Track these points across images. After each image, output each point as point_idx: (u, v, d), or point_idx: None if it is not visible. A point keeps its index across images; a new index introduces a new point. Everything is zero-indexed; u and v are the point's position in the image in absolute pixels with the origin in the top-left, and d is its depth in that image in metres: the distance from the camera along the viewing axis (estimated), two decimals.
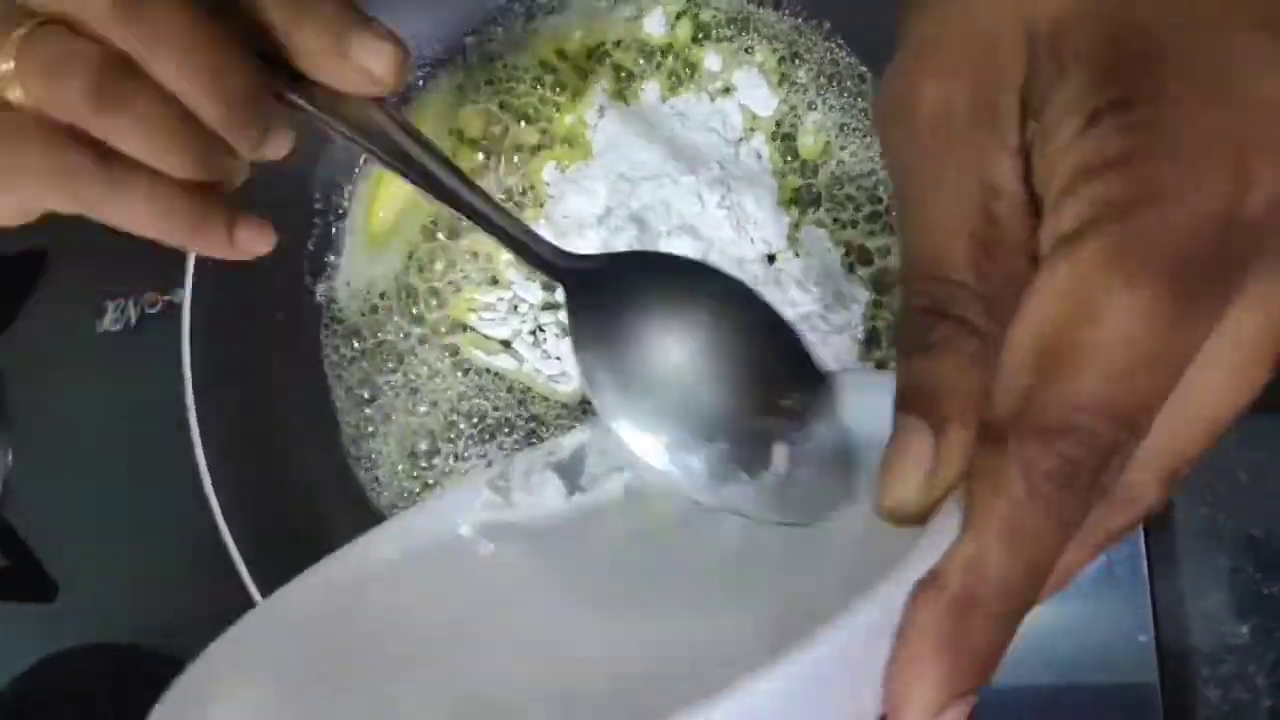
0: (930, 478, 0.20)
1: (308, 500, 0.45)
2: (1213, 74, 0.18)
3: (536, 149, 0.46)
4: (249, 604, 0.41)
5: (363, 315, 0.47)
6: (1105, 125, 0.19)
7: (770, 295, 0.42)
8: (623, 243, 0.43)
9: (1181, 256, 0.18)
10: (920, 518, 0.20)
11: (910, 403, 0.21)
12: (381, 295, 0.47)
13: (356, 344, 0.47)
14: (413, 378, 0.46)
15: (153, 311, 0.51)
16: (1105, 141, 0.19)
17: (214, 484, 0.42)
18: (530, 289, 0.45)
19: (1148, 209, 0.18)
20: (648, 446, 0.26)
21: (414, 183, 0.29)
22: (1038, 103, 0.20)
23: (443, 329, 0.46)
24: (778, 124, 0.44)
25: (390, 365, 0.47)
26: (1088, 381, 0.18)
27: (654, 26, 0.46)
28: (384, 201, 0.48)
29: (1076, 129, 0.19)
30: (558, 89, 0.47)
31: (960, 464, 0.20)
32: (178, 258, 0.43)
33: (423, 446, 0.46)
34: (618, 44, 0.46)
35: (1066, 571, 0.21)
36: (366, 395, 0.47)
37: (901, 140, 0.22)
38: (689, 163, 0.44)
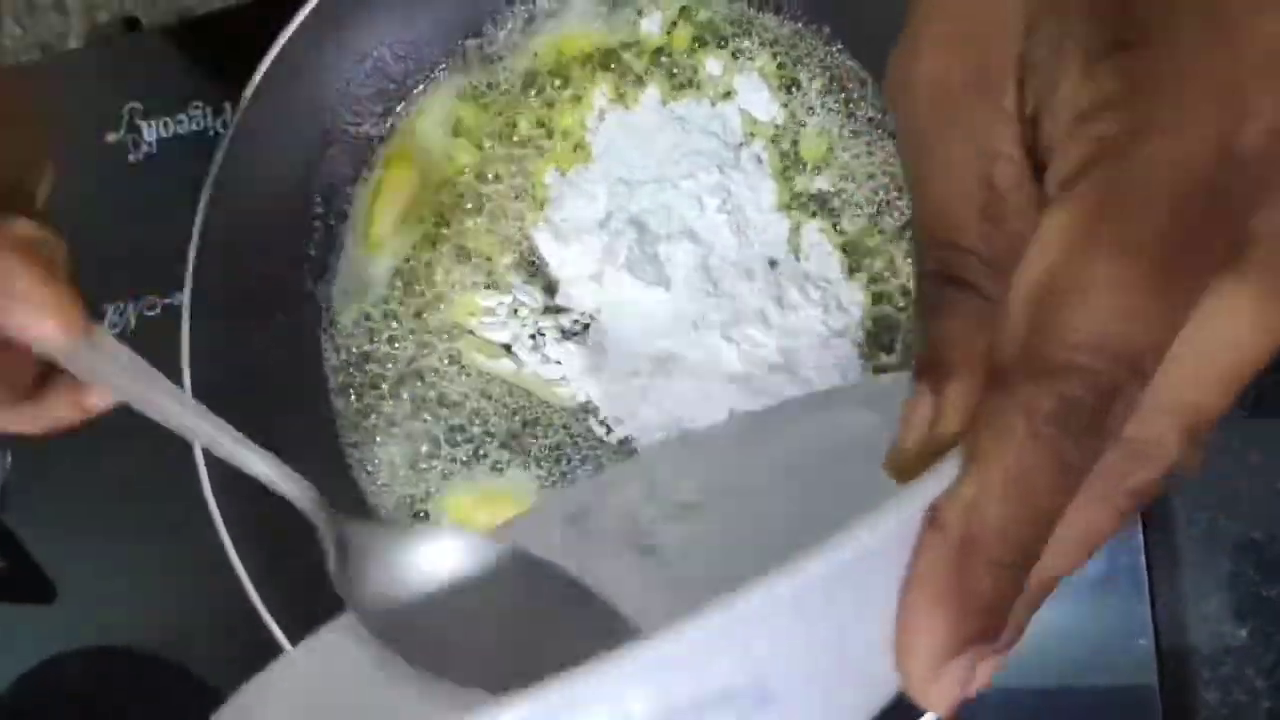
0: (932, 430, 0.20)
1: None
2: (1210, 12, 0.18)
3: (536, 152, 0.46)
4: (247, 607, 0.41)
5: (363, 318, 0.47)
6: (1104, 68, 0.18)
7: (770, 300, 0.42)
8: (623, 246, 0.43)
9: (1179, 190, 0.17)
10: (921, 468, 0.20)
11: (920, 369, 0.21)
12: (382, 299, 0.47)
13: (356, 347, 0.47)
14: (413, 381, 0.46)
15: (152, 315, 0.51)
16: (1103, 83, 0.18)
17: (213, 487, 0.42)
18: (530, 293, 0.45)
19: (1143, 143, 0.18)
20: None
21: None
22: (1040, 61, 0.20)
23: (443, 333, 0.46)
24: (778, 128, 0.44)
25: (390, 369, 0.47)
26: (1085, 320, 0.18)
27: (654, 30, 0.46)
28: (384, 205, 0.48)
29: (1077, 77, 0.19)
30: (558, 93, 0.47)
31: (961, 414, 0.20)
32: (177, 261, 0.43)
33: (423, 450, 0.46)
34: (618, 48, 0.46)
35: (1096, 535, 0.20)
36: (366, 399, 0.47)
37: (905, 114, 0.22)
38: (689, 167, 0.44)
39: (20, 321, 0.26)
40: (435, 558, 0.28)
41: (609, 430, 0.44)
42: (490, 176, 0.47)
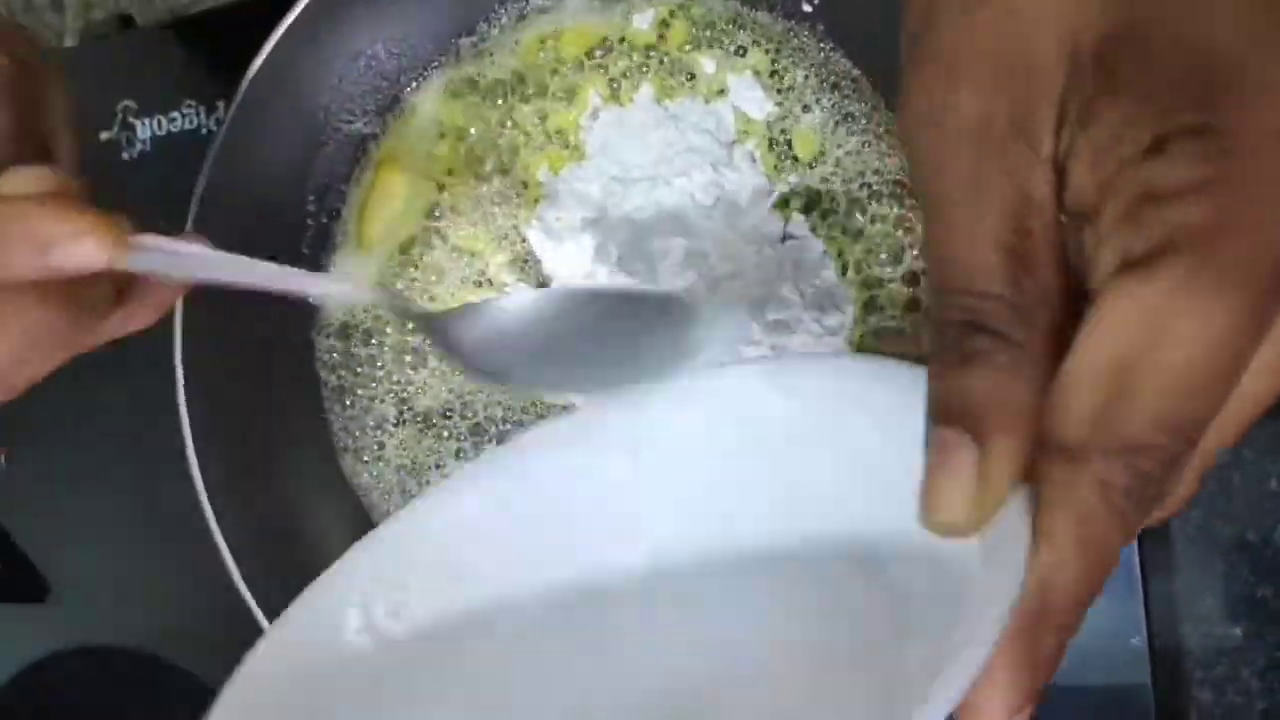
0: (981, 492, 0.20)
1: (301, 502, 0.45)
2: None
3: (529, 150, 0.46)
4: (241, 607, 0.41)
5: (356, 318, 0.47)
6: (1177, 150, 0.19)
7: (762, 298, 0.42)
8: (615, 245, 0.43)
9: (1259, 284, 0.18)
10: (971, 531, 0.20)
11: (947, 416, 0.21)
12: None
13: (350, 346, 0.47)
14: (407, 379, 0.46)
15: None
16: (1178, 168, 0.19)
17: (206, 486, 0.42)
18: (523, 290, 0.45)
19: (1230, 238, 0.18)
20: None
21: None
22: (1076, 115, 0.20)
23: None
24: (771, 127, 0.44)
25: (384, 367, 0.47)
26: (1164, 401, 0.19)
27: (645, 27, 0.46)
28: (377, 203, 0.48)
29: (1137, 152, 0.19)
30: (550, 90, 0.46)
31: (1010, 476, 0.20)
32: None
33: (417, 449, 0.46)
34: (611, 46, 0.46)
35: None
36: (360, 397, 0.47)
37: (933, 152, 0.22)
38: (682, 165, 0.44)
39: (63, 256, 0.29)
40: (510, 312, 0.33)
41: None
42: (483, 174, 0.47)
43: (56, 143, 0.34)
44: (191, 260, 0.32)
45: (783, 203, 0.44)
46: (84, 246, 0.29)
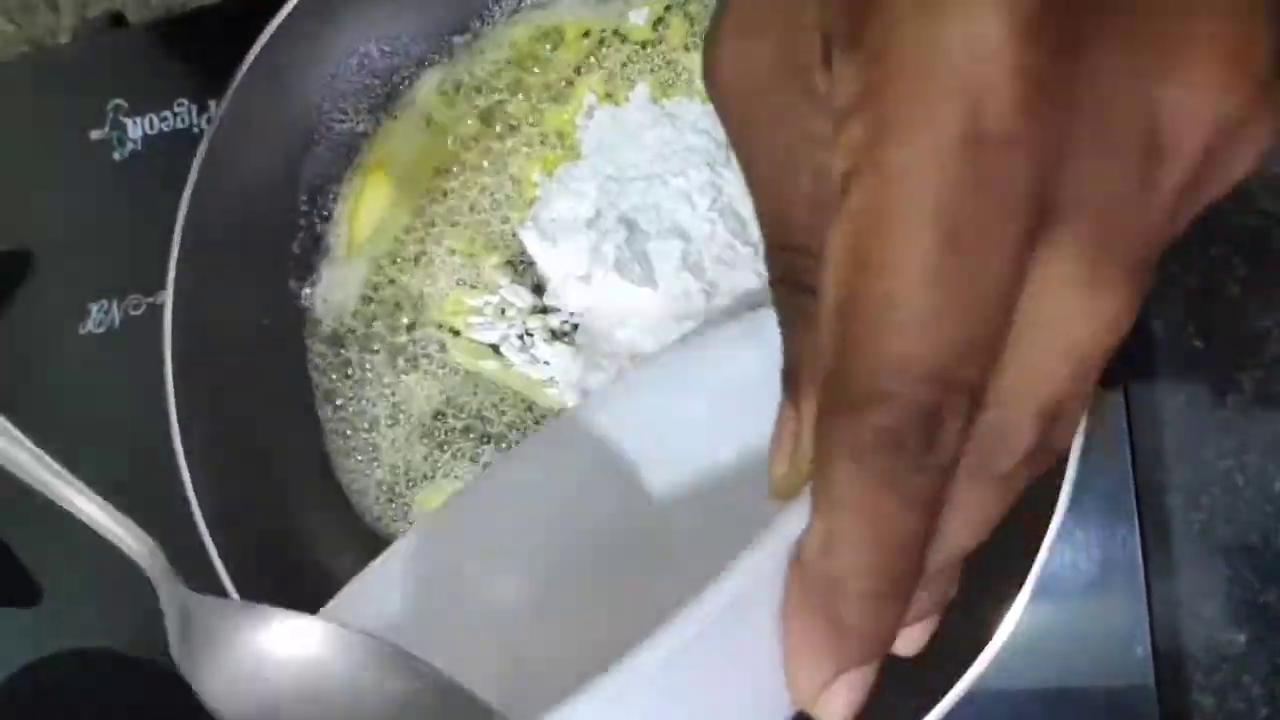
0: (794, 454, 0.20)
1: (291, 506, 0.45)
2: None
3: (524, 150, 0.46)
4: None
5: (348, 319, 0.47)
6: (843, 62, 0.17)
7: (760, 299, 0.42)
8: (611, 245, 0.43)
9: (939, 195, 0.16)
10: (789, 497, 0.20)
11: (784, 381, 0.20)
12: (367, 299, 0.47)
13: (342, 349, 0.47)
14: (400, 383, 0.46)
15: (137, 314, 0.51)
16: (845, 82, 0.17)
17: (195, 488, 0.41)
18: (518, 293, 0.45)
19: (892, 149, 0.16)
20: None
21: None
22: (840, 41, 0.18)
23: (429, 333, 0.46)
24: None
25: (376, 370, 0.46)
26: (885, 341, 0.16)
27: (643, 24, 0.46)
28: (368, 204, 0.47)
29: (832, 72, 0.17)
30: (546, 89, 0.46)
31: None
32: (162, 259, 0.43)
33: (408, 450, 0.46)
34: (607, 44, 0.46)
35: (983, 516, 0.19)
36: (352, 401, 0.46)
37: (722, 108, 0.21)
38: (679, 165, 0.43)
39: None
40: (290, 643, 0.25)
41: None
42: (476, 174, 0.46)
43: None
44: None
45: None
46: None
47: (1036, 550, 0.33)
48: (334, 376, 0.47)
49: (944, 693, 0.33)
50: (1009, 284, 0.17)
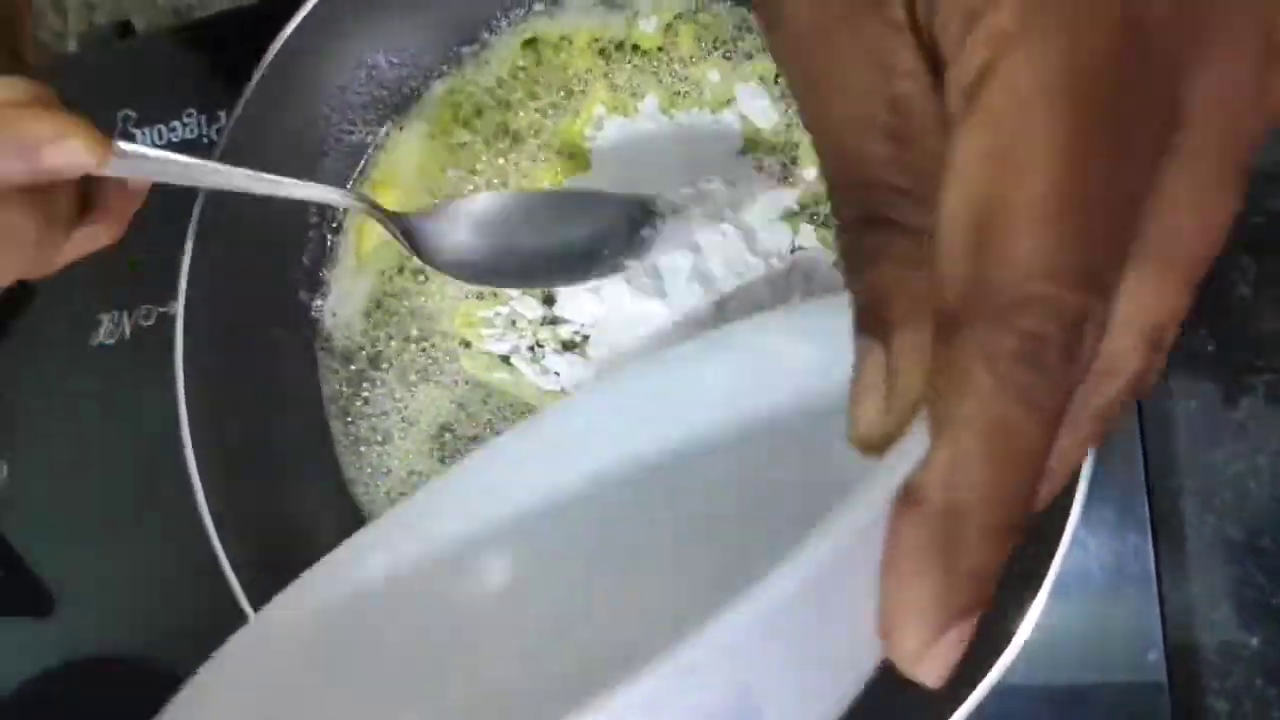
0: (890, 393, 0.18)
1: (302, 516, 0.45)
2: None
3: (533, 161, 0.46)
4: (243, 619, 0.40)
5: (358, 330, 0.47)
6: None
7: (771, 309, 0.42)
8: None
9: (1091, 78, 0.15)
10: (888, 441, 0.18)
11: (861, 323, 0.19)
12: (376, 311, 0.47)
13: (352, 361, 0.47)
14: (410, 394, 0.46)
15: (147, 325, 0.51)
16: None
17: (207, 498, 0.41)
18: (528, 304, 0.45)
19: (1037, 38, 0.16)
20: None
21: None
22: None
23: (439, 345, 0.46)
24: (778, 136, 0.44)
25: (387, 381, 0.46)
26: (1031, 244, 0.16)
27: (652, 33, 0.46)
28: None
29: None
30: (555, 100, 0.46)
31: (919, 368, 0.18)
32: (172, 270, 0.43)
33: (420, 463, 0.46)
34: (616, 54, 0.46)
35: (1064, 464, 0.19)
36: (363, 411, 0.47)
37: (784, 43, 0.20)
38: (689, 175, 0.43)
39: (51, 157, 0.30)
40: (475, 212, 0.38)
41: None
42: (486, 186, 0.46)
43: (24, 50, 0.34)
44: (172, 167, 0.34)
45: (791, 214, 0.43)
46: (71, 148, 0.30)
47: (1053, 553, 0.33)
48: (345, 388, 0.47)
49: (964, 698, 0.33)
50: (1147, 186, 0.16)
